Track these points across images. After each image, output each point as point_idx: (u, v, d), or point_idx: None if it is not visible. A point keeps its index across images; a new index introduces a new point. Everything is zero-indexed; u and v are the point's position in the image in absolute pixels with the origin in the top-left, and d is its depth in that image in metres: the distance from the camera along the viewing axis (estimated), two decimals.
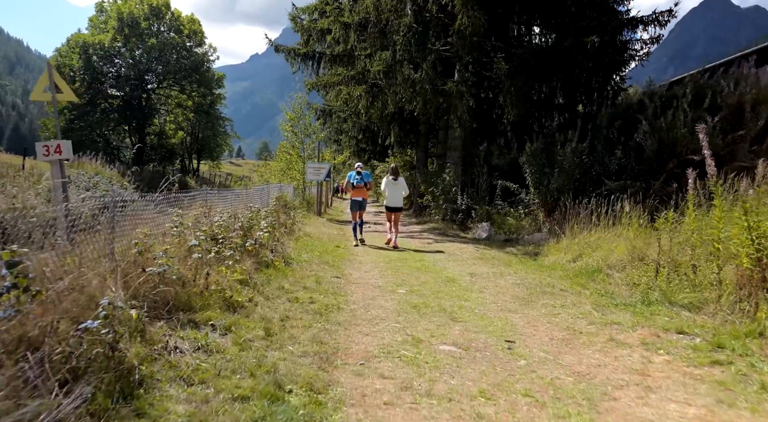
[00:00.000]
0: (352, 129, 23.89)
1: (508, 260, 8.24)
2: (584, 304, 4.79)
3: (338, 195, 39.33)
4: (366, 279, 6.11)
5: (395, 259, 7.87)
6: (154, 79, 41.25)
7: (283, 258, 6.50)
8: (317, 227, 12.52)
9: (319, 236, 10.35)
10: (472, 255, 8.88)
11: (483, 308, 4.74)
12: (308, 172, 15.87)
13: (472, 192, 14.26)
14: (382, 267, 7.03)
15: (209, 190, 7.73)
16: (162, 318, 3.44)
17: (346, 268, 6.84)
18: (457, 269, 6.99)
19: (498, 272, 6.76)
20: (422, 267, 7.06)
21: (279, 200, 9.67)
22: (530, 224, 12.56)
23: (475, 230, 13.39)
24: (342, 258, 7.70)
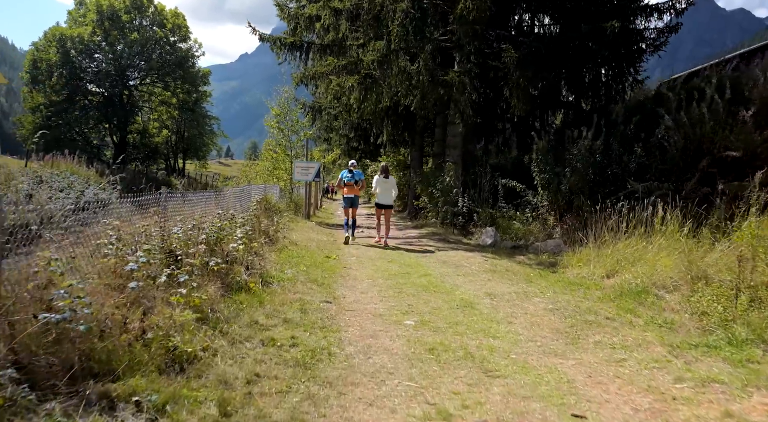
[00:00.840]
0: (343, 127, 22.70)
1: (525, 274, 7.12)
2: (651, 344, 3.66)
3: (328, 195, 38.07)
4: (363, 304, 4.94)
5: (396, 274, 6.71)
6: (136, 75, 39.67)
7: (261, 276, 5.30)
8: (305, 233, 11.32)
9: (307, 244, 9.15)
10: (482, 266, 7.75)
11: (521, 350, 3.60)
12: (296, 172, 14.66)
13: (473, 193, 13.14)
14: (382, 286, 5.86)
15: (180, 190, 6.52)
16: (58, 393, 2.24)
17: (338, 288, 5.66)
18: (471, 288, 5.85)
19: (521, 291, 5.63)
20: (429, 285, 5.90)
21: (261, 203, 8.49)
22: (539, 229, 11.49)
23: (478, 235, 12.28)
24: (333, 273, 6.52)
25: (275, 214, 11.47)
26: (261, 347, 3.35)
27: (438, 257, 8.75)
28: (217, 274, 4.45)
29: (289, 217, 13.49)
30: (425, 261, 8.13)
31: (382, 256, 8.60)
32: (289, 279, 5.60)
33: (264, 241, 7.22)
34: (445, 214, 13.24)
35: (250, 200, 8.74)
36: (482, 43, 12.05)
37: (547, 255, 9.07)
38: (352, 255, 8.51)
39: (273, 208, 11.65)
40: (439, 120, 17.95)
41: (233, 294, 4.48)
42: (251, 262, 5.52)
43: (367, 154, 27.93)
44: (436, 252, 9.47)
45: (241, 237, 5.50)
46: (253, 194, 10.96)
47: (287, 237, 9.21)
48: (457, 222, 12.80)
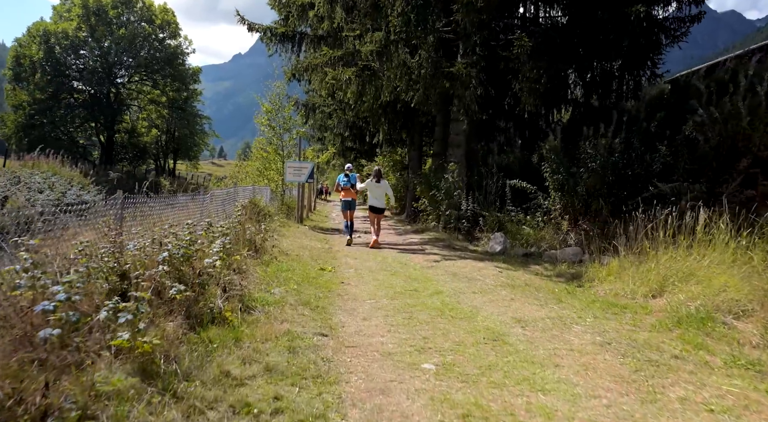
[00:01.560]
0: (338, 125, 21.74)
1: (549, 290, 6.19)
2: (760, 403, 2.73)
3: (322, 197, 37.07)
4: (367, 336, 3.98)
5: (402, 291, 5.74)
6: (123, 72, 38.45)
7: (241, 300, 4.32)
8: (297, 239, 10.34)
9: (299, 253, 8.18)
10: (498, 280, 6.81)
11: (586, 416, 2.65)
12: (288, 173, 13.67)
13: (478, 196, 12.21)
14: (388, 308, 4.90)
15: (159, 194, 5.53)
16: None
17: (335, 312, 4.69)
18: (493, 311, 4.90)
19: (554, 316, 4.69)
20: (444, 308, 4.95)
21: (247, 208, 7.51)
22: (551, 235, 10.58)
23: (485, 241, 11.35)
24: (329, 291, 5.55)
25: (265, 219, 10.49)
26: (230, 419, 2.39)
27: (445, 267, 7.81)
28: (182, 304, 3.48)
29: (281, 222, 12.50)
30: (432, 274, 7.18)
31: (384, 267, 7.64)
32: (277, 302, 4.62)
33: (248, 254, 6.24)
34: (448, 218, 12.31)
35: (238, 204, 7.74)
36: (489, 34, 11.14)
37: (566, 265, 8.15)
38: (350, 267, 7.55)
39: (262, 212, 10.67)
40: (440, 118, 17.06)
41: (202, 328, 3.51)
42: (230, 282, 4.55)
43: (363, 154, 27.01)
44: (442, 261, 8.53)
45: (218, 251, 4.52)
46: (239, 197, 9.97)
47: (277, 245, 8.23)
48: (462, 226, 11.87)
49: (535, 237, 10.70)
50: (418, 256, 9.00)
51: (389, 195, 10.89)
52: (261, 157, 15.03)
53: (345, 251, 9.34)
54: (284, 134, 14.92)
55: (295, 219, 13.80)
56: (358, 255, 8.84)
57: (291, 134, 14.99)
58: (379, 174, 10.74)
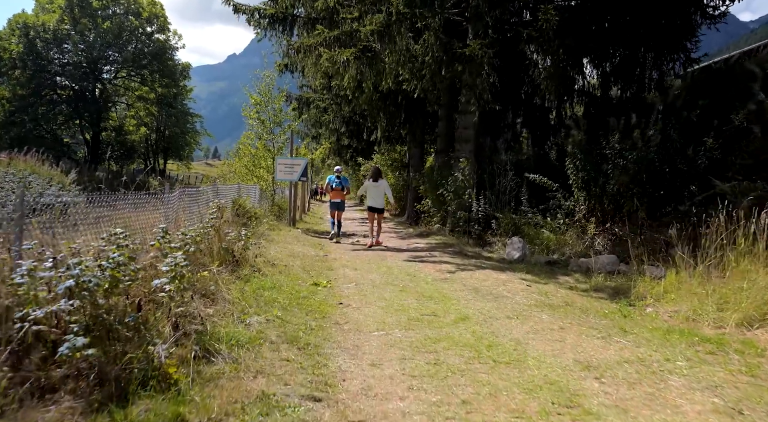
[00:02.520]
0: (333, 120, 20.42)
1: (597, 310, 4.96)
2: None
3: (317, 197, 35.77)
4: (380, 401, 2.70)
5: (418, 318, 4.47)
6: (109, 67, 36.94)
7: (200, 341, 3.05)
8: (288, 244, 9.06)
9: (289, 263, 6.90)
10: (531, 298, 5.56)
11: None
12: (278, 170, 12.38)
13: (490, 196, 10.97)
14: (403, 345, 3.63)
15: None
16: None
17: (332, 354, 3.41)
18: (546, 349, 3.63)
19: (633, 358, 3.42)
20: (479, 344, 3.68)
21: (224, 210, 6.22)
22: (575, 239, 9.36)
23: (499, 247, 10.12)
24: (324, 317, 4.28)
25: (252, 222, 9.20)
26: None
27: (463, 280, 6.55)
28: (91, 367, 2.20)
29: (270, 224, 11.21)
30: (449, 289, 5.91)
31: (389, 280, 6.37)
32: (252, 339, 3.34)
33: (223, 268, 4.96)
34: (457, 221, 11.05)
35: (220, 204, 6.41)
36: (503, 13, 9.91)
37: (602, 277, 6.91)
38: (349, 281, 6.27)
39: (248, 214, 9.38)
40: (443, 112, 15.83)
41: (128, 400, 2.23)
42: (186, 314, 3.26)
43: (360, 153, 25.74)
44: (458, 271, 7.27)
45: (170, 271, 3.24)
46: (220, 197, 8.67)
47: (263, 253, 6.94)
48: (473, 230, 10.61)
49: (556, 242, 9.48)
50: (427, 266, 7.74)
51: (388, 195, 10.46)
52: (249, 154, 13.72)
53: (343, 260, 8.07)
54: (275, 128, 13.63)
55: (287, 221, 12.51)
56: (357, 265, 7.57)
57: (282, 128, 13.70)
58: (378, 173, 10.49)
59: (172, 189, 6.02)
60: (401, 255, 8.78)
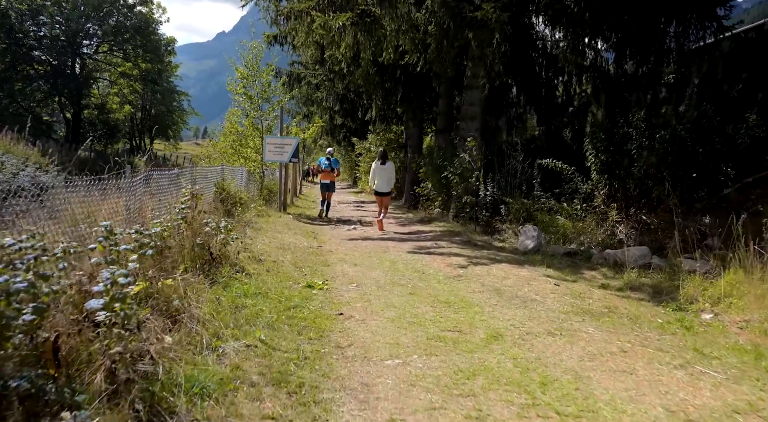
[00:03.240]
0: (327, 98, 19.30)
1: (649, 320, 4.12)
2: None
3: (309, 178, 34.67)
4: None
5: (440, 336, 3.58)
6: (89, 41, 35.12)
7: (145, 395, 2.13)
8: (278, 233, 8.12)
9: (278, 258, 5.97)
10: (564, 301, 4.70)
11: None
12: (267, 150, 11.34)
13: (499, 179, 10.06)
14: (428, 383, 2.73)
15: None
16: None
17: (334, 400, 2.50)
18: (617, 388, 2.75)
19: (746, 406, 2.57)
20: (528, 381, 2.78)
21: (199, 198, 5.23)
22: (593, 227, 8.53)
23: (508, 234, 9.25)
24: (321, 337, 3.38)
25: (237, 209, 8.23)
26: None
27: (480, 278, 5.67)
28: None
29: (259, 210, 10.24)
30: (468, 291, 5.03)
31: (395, 278, 5.48)
32: (223, 383, 2.43)
33: (193, 272, 4.03)
34: (463, 206, 10.14)
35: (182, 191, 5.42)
36: None
37: (635, 272, 6.07)
38: (349, 280, 5.36)
39: (233, 200, 8.40)
40: (444, 88, 14.80)
41: None
42: (129, 352, 2.33)
43: (354, 132, 24.66)
44: (470, 266, 6.39)
45: (106, 291, 2.30)
46: (199, 181, 7.68)
47: (248, 247, 6.01)
48: (480, 216, 9.71)
49: (573, 230, 8.65)
50: (435, 259, 6.84)
51: (391, 177, 10.05)
52: (235, 132, 12.63)
53: (340, 252, 7.15)
54: (263, 105, 12.53)
55: (277, 206, 11.53)
56: (357, 258, 6.65)
57: (271, 104, 12.59)
58: (385, 155, 10.12)
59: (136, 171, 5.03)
60: (404, 246, 7.88)
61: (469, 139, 9.77)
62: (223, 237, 4.95)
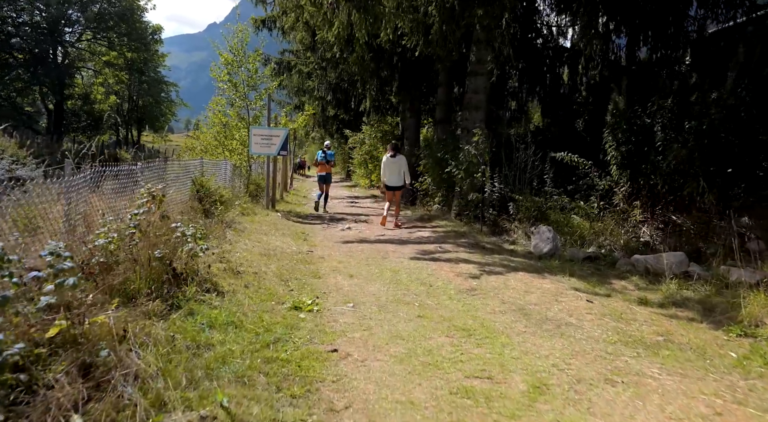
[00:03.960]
0: (318, 87, 18.29)
1: (720, 354, 3.32)
2: None
3: (301, 171, 33.69)
4: None
5: (465, 388, 2.72)
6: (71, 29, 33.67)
7: None
8: (263, 235, 7.22)
9: (260, 269, 5.08)
10: (606, 325, 3.87)
11: None
12: (254, 143, 10.40)
13: (508, 173, 9.21)
14: None
15: None
16: None
17: None
18: None
19: None
20: None
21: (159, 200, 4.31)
22: (612, 227, 7.73)
23: (518, 235, 8.44)
24: (308, 393, 2.51)
25: (217, 208, 7.32)
26: None
27: (498, 292, 4.83)
28: None
29: (244, 208, 9.35)
30: (488, 312, 4.19)
31: (399, 294, 4.62)
32: None
33: (149, 288, 3.14)
34: (468, 203, 9.30)
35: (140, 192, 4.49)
36: None
37: (675, 283, 5.25)
38: (345, 297, 4.49)
39: (214, 198, 7.48)
40: (443, 76, 13.92)
41: None
42: None
43: (347, 124, 23.71)
44: (484, 275, 5.54)
45: None
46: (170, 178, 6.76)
47: (225, 255, 5.13)
48: (487, 215, 8.86)
49: (590, 231, 7.84)
50: (442, 267, 5.98)
51: (405, 171, 9.50)
52: (220, 122, 11.65)
53: (333, 258, 6.27)
54: (250, 93, 11.56)
55: (265, 203, 10.61)
56: (353, 266, 5.78)
57: (258, 93, 11.63)
58: (396, 148, 9.76)
59: (83, 164, 4.12)
60: (405, 250, 7.01)
61: (476, 130, 8.88)
62: (191, 248, 4.06)
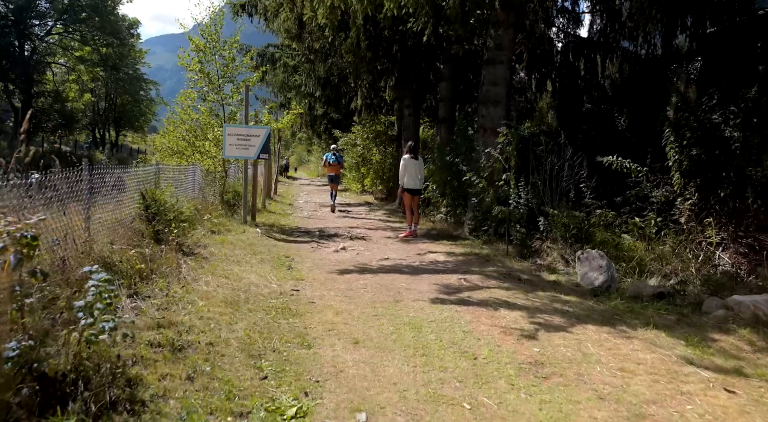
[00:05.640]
0: (306, 82, 16.61)
1: None
2: None
3: (286, 174, 31.82)
4: None
5: None
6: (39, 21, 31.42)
7: None
8: (235, 264, 5.49)
9: (220, 333, 3.37)
10: None
11: None
12: (228, 144, 8.65)
13: (538, 182, 7.59)
14: None
15: None
16: None
17: None
18: None
19: None
20: None
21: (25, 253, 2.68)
22: (680, 252, 6.18)
23: (551, 258, 6.84)
24: None
25: (170, 229, 5.55)
26: None
27: (576, 368, 3.18)
28: None
29: (215, 223, 7.62)
30: (580, 418, 2.55)
31: (436, 386, 2.95)
32: None
33: None
34: (483, 218, 7.67)
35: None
36: None
37: None
38: (353, 395, 2.79)
39: (168, 218, 5.71)
40: (448, 69, 12.35)
41: None
42: None
43: (337, 124, 22.03)
44: (541, 333, 3.88)
45: None
46: (115, 189, 5.02)
47: (168, 313, 3.42)
48: (515, 233, 7.20)
49: (650, 257, 6.25)
50: (478, 315, 4.31)
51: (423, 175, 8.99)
52: (188, 120, 9.85)
53: (329, 302, 4.55)
54: (225, 85, 9.81)
55: (242, 216, 8.85)
56: (356, 319, 4.08)
57: (236, 86, 9.87)
58: (417, 149, 9.20)
59: None
60: (421, 285, 5.33)
61: (501, 129, 7.23)
62: (84, 327, 2.33)
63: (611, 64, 11.62)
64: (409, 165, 8.63)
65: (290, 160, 37.97)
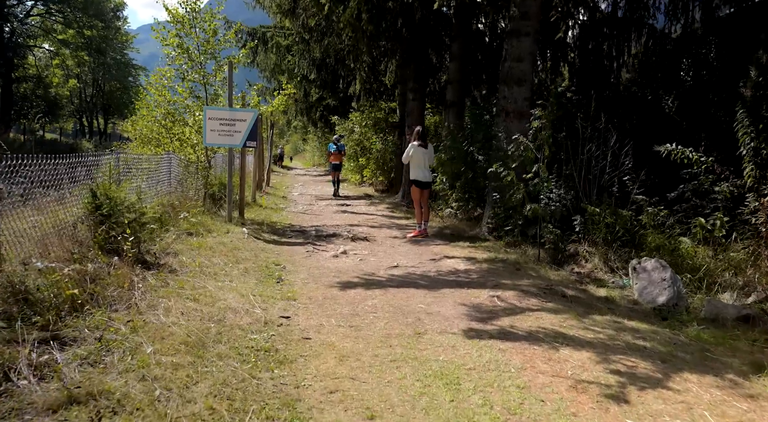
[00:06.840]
0: (300, 64, 15.33)
1: None
2: None
3: (281, 163, 30.60)
4: None
5: None
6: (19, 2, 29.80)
7: None
8: (210, 278, 4.34)
9: (170, 406, 2.24)
10: None
11: None
12: (209, 130, 7.43)
13: (574, 174, 6.45)
14: None
15: None
16: None
17: None
18: None
19: None
20: None
21: None
22: (755, 260, 5.09)
23: (591, 264, 5.76)
24: None
25: (124, 239, 4.35)
26: None
27: None
28: None
29: (191, 224, 6.45)
30: None
31: None
32: None
33: None
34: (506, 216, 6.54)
35: None
36: None
37: None
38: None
39: (126, 220, 4.53)
40: (457, 47, 11.15)
41: None
42: None
43: (333, 110, 20.80)
44: (631, 391, 2.77)
45: None
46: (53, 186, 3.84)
47: (99, 357, 2.29)
48: (548, 234, 6.05)
49: (720, 265, 5.16)
50: (533, 358, 3.18)
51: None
52: (165, 102, 8.60)
53: (328, 335, 3.40)
54: (208, 63, 8.58)
55: (226, 214, 7.67)
56: (367, 361, 2.95)
57: (219, 63, 8.64)
58: (426, 136, 7.94)
59: None
60: (445, 307, 4.20)
61: (538, 110, 6.05)
62: None
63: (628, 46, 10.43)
64: (417, 153, 7.57)
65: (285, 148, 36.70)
